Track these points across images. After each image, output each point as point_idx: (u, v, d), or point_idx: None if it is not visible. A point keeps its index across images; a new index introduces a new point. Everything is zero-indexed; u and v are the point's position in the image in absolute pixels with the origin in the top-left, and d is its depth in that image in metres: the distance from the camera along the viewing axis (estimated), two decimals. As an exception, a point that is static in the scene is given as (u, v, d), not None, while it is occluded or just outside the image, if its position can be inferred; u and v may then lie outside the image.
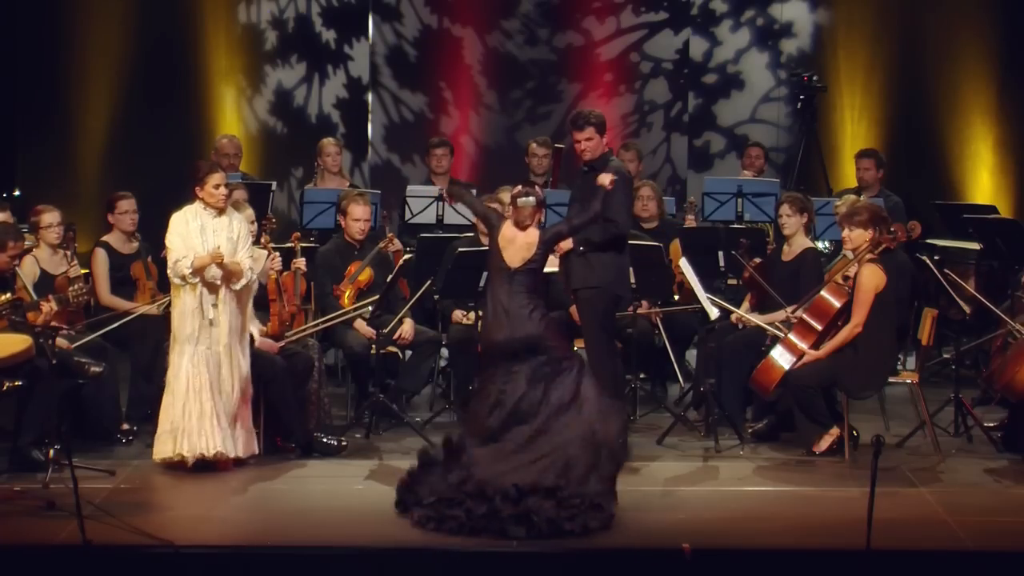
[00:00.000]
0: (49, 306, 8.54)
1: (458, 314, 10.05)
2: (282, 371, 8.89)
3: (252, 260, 8.71)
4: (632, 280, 9.29)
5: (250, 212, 9.17)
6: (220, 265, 8.49)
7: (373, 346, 9.57)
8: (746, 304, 9.80)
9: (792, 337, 9.03)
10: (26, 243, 9.26)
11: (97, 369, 8.84)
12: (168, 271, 8.60)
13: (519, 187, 8.18)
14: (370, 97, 13.64)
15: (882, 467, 6.76)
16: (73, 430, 8.73)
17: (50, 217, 9.46)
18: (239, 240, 8.64)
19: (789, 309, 9.18)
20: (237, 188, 9.97)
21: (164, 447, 8.55)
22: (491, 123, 13.65)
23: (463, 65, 13.64)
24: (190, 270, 8.48)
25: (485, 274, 9.45)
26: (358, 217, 9.97)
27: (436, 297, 10.12)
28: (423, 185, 11.59)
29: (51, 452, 8.10)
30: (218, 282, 8.51)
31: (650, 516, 7.71)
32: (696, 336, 10.28)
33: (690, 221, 11.25)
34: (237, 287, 8.58)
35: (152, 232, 9.71)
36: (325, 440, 8.98)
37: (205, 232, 8.58)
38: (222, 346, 8.52)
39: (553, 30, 13.66)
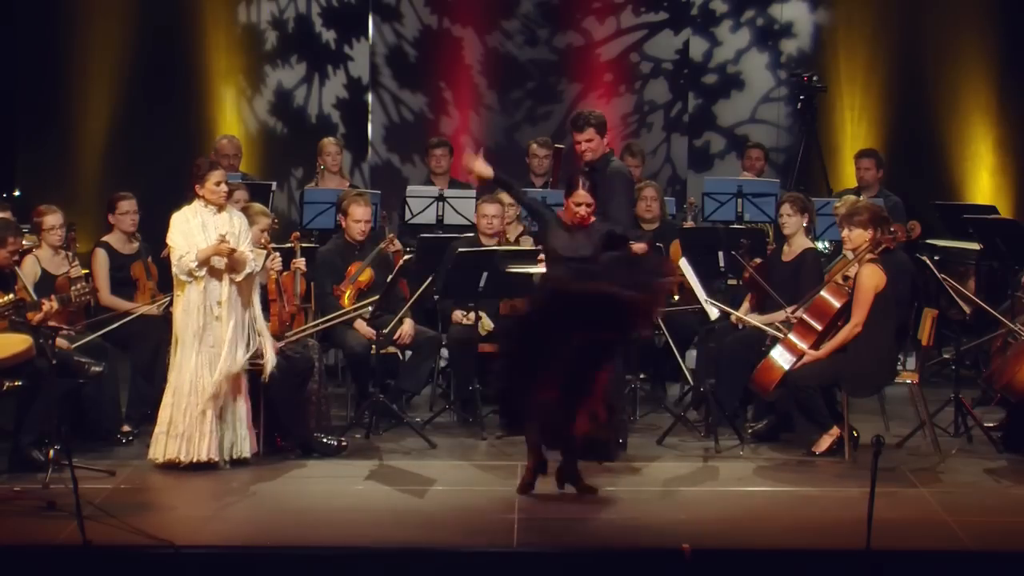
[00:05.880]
0: (50, 304, 8.53)
1: (458, 314, 10.04)
2: (282, 371, 8.89)
3: (253, 255, 8.72)
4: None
5: (266, 219, 9.24)
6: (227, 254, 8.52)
7: (373, 346, 9.57)
8: (746, 304, 9.79)
9: (792, 337, 9.03)
10: (26, 242, 9.25)
11: (97, 369, 8.84)
12: (173, 268, 8.59)
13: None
14: (370, 97, 13.64)
15: (882, 467, 6.75)
16: (73, 430, 8.72)
17: (53, 219, 9.42)
18: (240, 235, 8.65)
19: (789, 309, 9.18)
20: (238, 188, 9.98)
21: (160, 448, 8.55)
22: (491, 123, 13.64)
23: (463, 65, 13.64)
24: (195, 263, 8.49)
25: (485, 274, 9.47)
26: (359, 218, 9.97)
27: (436, 297, 10.12)
28: (423, 185, 11.58)
29: (51, 452, 8.10)
30: (222, 268, 8.51)
31: (650, 516, 7.72)
32: (696, 336, 10.28)
33: (688, 223, 11.25)
34: (239, 277, 8.59)
35: (152, 232, 9.70)
36: (325, 440, 8.98)
37: (207, 229, 8.59)
38: (226, 343, 8.53)
39: (553, 30, 13.65)
